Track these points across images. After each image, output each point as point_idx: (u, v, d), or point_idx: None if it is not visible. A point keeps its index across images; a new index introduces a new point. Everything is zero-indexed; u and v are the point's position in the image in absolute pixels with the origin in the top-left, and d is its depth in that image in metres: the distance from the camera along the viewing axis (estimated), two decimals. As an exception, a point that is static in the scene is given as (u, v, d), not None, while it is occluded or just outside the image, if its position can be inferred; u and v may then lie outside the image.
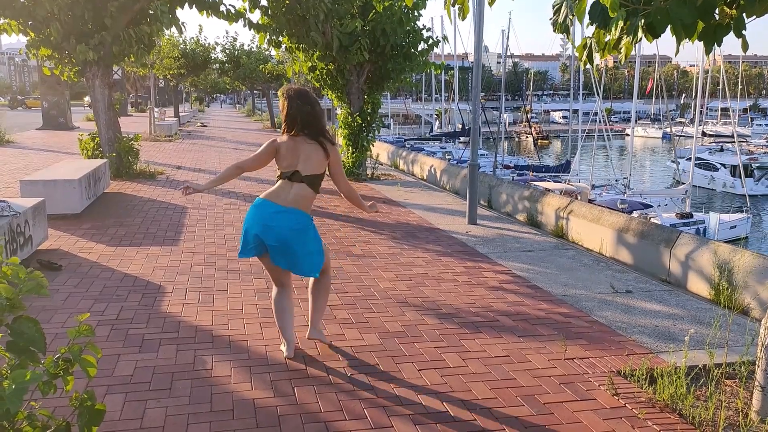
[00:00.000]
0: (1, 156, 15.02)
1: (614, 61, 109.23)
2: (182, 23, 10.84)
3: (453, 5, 3.67)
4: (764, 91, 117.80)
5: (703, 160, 34.93)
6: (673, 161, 37.95)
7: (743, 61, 65.52)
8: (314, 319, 4.13)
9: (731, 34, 2.80)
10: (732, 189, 32.38)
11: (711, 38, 2.68)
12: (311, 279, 4.07)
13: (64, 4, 9.75)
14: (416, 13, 11.48)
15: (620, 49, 2.91)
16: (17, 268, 2.40)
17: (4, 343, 2.38)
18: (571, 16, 3.13)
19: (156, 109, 25.21)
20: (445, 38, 13.34)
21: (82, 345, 2.49)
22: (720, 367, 3.74)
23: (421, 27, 11.79)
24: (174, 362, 3.85)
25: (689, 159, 33.99)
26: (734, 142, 30.23)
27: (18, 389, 2.14)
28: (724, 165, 33.95)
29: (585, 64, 3.20)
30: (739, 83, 58.22)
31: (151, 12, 10.95)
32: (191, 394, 3.44)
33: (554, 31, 3.29)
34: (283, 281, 3.97)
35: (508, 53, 41.36)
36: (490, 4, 3.83)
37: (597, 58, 3.25)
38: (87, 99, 47.28)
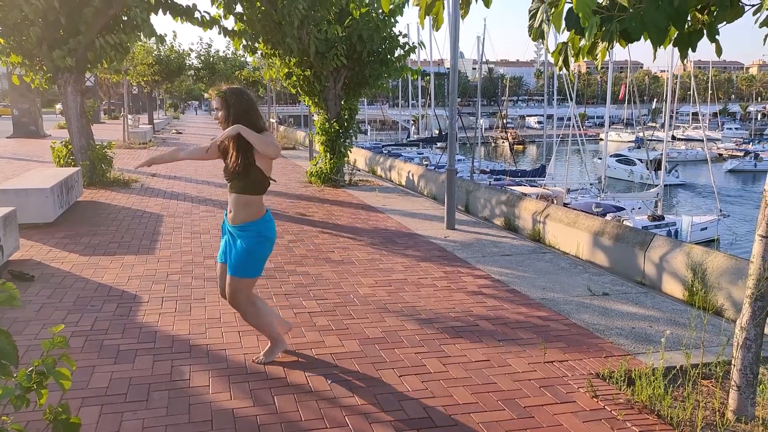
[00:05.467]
0: (-31, 165, 14.69)
1: (588, 67, 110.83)
2: (163, 34, 10.72)
3: (426, 16, 3.68)
4: (733, 96, 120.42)
5: (623, 156, 40.38)
6: (599, 158, 40.11)
7: (713, 67, 66.89)
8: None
9: (704, 39, 2.85)
10: (648, 180, 36.27)
11: (685, 44, 2.72)
12: None
13: (39, 9, 9.58)
14: (393, 20, 11.51)
15: (595, 54, 2.94)
16: (-12, 279, 2.34)
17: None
18: (546, 22, 3.16)
19: (130, 116, 24.90)
20: (421, 44, 13.41)
21: (56, 357, 2.43)
22: (696, 368, 3.79)
23: (398, 33, 11.83)
24: (151, 373, 3.79)
25: (612, 155, 38.79)
26: (704, 145, 30.99)
27: (-11, 404, 2.08)
28: (640, 160, 38.31)
29: (560, 68, 3.23)
30: (709, 88, 59.43)
31: (125, 18, 10.81)
32: (169, 405, 3.38)
33: (530, 36, 3.31)
34: None
35: (484, 59, 41.67)
36: (463, 17, 3.86)
37: (572, 62, 3.28)
38: (59, 106, 46.51)
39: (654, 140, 49.06)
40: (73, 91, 10.94)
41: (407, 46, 11.98)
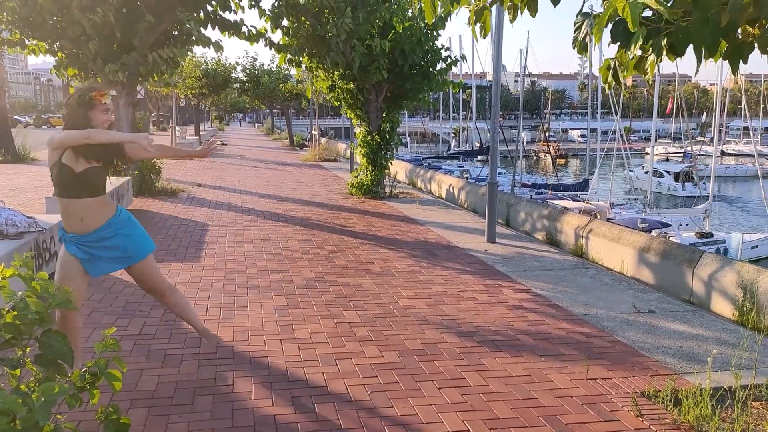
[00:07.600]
0: (27, 173, 15.32)
1: (634, 80, 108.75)
2: (218, 40, 10.91)
3: (476, 23, 3.70)
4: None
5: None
6: (631, 170, 39.41)
7: (765, 80, 64.81)
8: None
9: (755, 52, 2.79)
10: (675, 192, 37.44)
11: (736, 57, 2.67)
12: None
13: (97, 24, 9.97)
14: (435, 33, 11.58)
15: (644, 68, 2.91)
16: (46, 282, 2.45)
17: (31, 357, 2.42)
18: (590, 34, 3.14)
19: (177, 128, 25.59)
20: (463, 57, 13.45)
21: (107, 359, 2.53)
22: (746, 389, 3.68)
23: (440, 46, 11.88)
24: (196, 378, 3.88)
25: (640, 167, 39.58)
26: (756, 161, 30.00)
27: (47, 402, 2.18)
28: (668, 172, 39.55)
29: (610, 86, 3.20)
30: (762, 102, 57.63)
31: (175, 33, 11.15)
32: (213, 410, 3.46)
33: (574, 49, 3.29)
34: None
35: (526, 72, 41.44)
36: (511, 21, 3.86)
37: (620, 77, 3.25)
38: (110, 117, 47.99)
39: (702, 155, 47.80)
40: (124, 104, 11.31)
41: (449, 60, 12.02)
